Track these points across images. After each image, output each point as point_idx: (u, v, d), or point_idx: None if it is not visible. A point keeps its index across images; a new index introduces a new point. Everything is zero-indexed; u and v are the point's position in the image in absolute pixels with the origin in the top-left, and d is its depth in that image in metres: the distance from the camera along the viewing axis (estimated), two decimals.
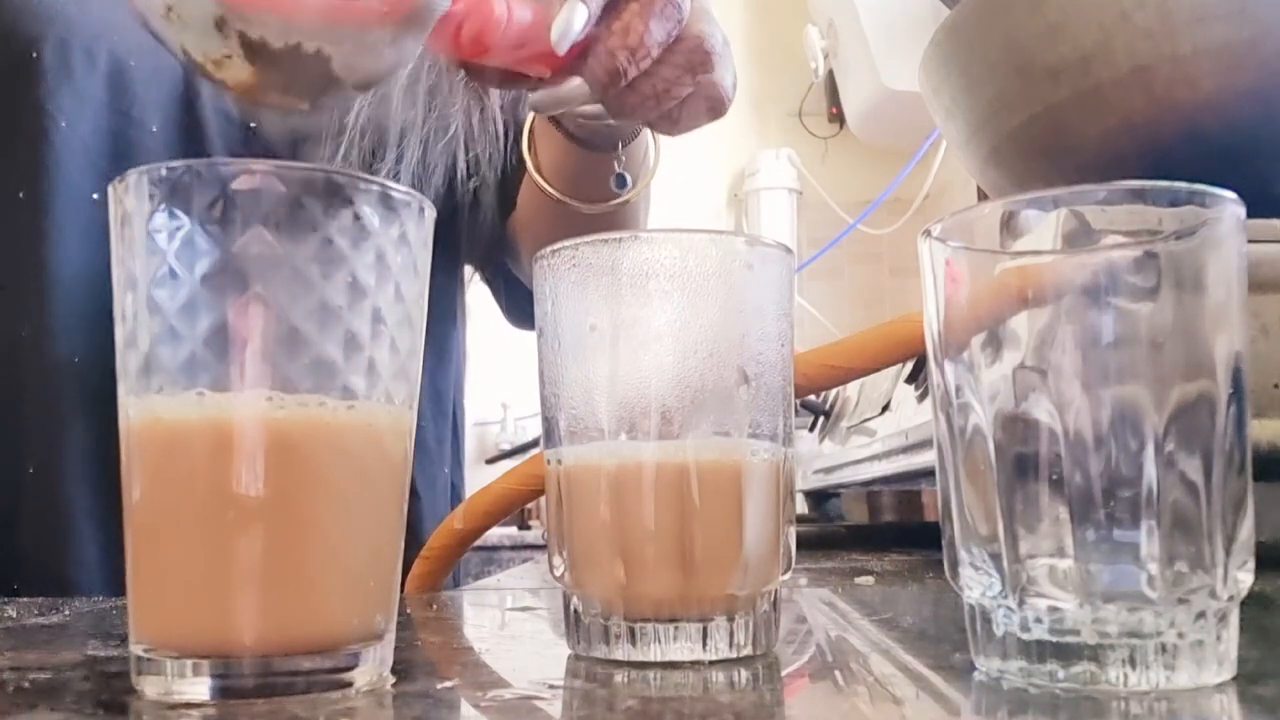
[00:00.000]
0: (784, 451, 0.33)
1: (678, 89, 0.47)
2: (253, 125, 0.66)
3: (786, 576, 0.33)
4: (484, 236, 0.75)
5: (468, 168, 0.71)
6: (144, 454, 0.28)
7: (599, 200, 0.63)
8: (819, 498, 1.25)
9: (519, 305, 0.81)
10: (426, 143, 0.68)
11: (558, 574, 0.33)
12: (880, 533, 1.07)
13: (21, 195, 0.61)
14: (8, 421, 0.61)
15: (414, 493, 0.72)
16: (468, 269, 0.81)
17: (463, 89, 0.70)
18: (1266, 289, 0.48)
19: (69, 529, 0.60)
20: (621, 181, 0.62)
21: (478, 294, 0.86)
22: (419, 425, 0.76)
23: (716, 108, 0.49)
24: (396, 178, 0.66)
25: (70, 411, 0.60)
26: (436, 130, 0.69)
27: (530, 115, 0.65)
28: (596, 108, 0.48)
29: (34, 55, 0.61)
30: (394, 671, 0.29)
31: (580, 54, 0.44)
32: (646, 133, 0.62)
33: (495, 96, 0.72)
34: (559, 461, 0.33)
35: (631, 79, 0.45)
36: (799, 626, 0.39)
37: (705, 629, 0.31)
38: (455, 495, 0.77)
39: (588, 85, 0.45)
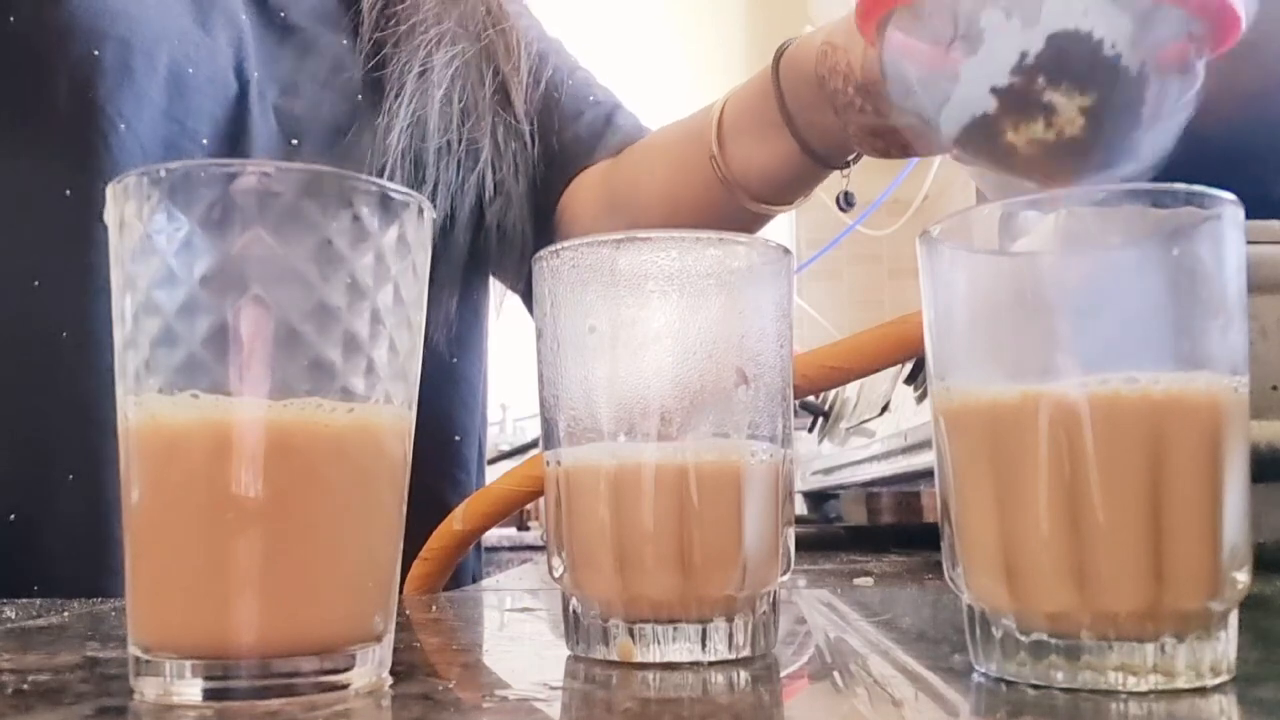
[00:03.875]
0: (783, 453, 0.33)
1: None
2: (295, 142, 0.66)
3: (785, 578, 0.33)
4: (516, 249, 0.74)
5: (494, 188, 0.71)
6: (143, 455, 0.28)
7: (774, 202, 0.64)
8: (818, 499, 1.25)
9: None
10: (461, 166, 0.69)
11: (557, 575, 0.33)
12: (879, 534, 1.07)
13: (68, 193, 0.60)
14: (45, 426, 0.60)
15: (446, 507, 0.68)
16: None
17: (490, 107, 0.70)
18: (1266, 290, 0.48)
19: (108, 538, 0.58)
20: (849, 199, 0.63)
21: None
22: (458, 438, 0.75)
23: None
24: (434, 200, 0.66)
25: (113, 417, 0.58)
26: (468, 154, 0.69)
27: (719, 109, 0.63)
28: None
29: (95, 53, 0.60)
30: (393, 673, 0.29)
31: None
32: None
33: (520, 103, 0.72)
34: (558, 463, 0.33)
35: None
36: (798, 628, 0.39)
37: (704, 630, 0.31)
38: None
39: None
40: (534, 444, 2.27)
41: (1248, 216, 0.27)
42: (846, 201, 0.63)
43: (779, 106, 0.59)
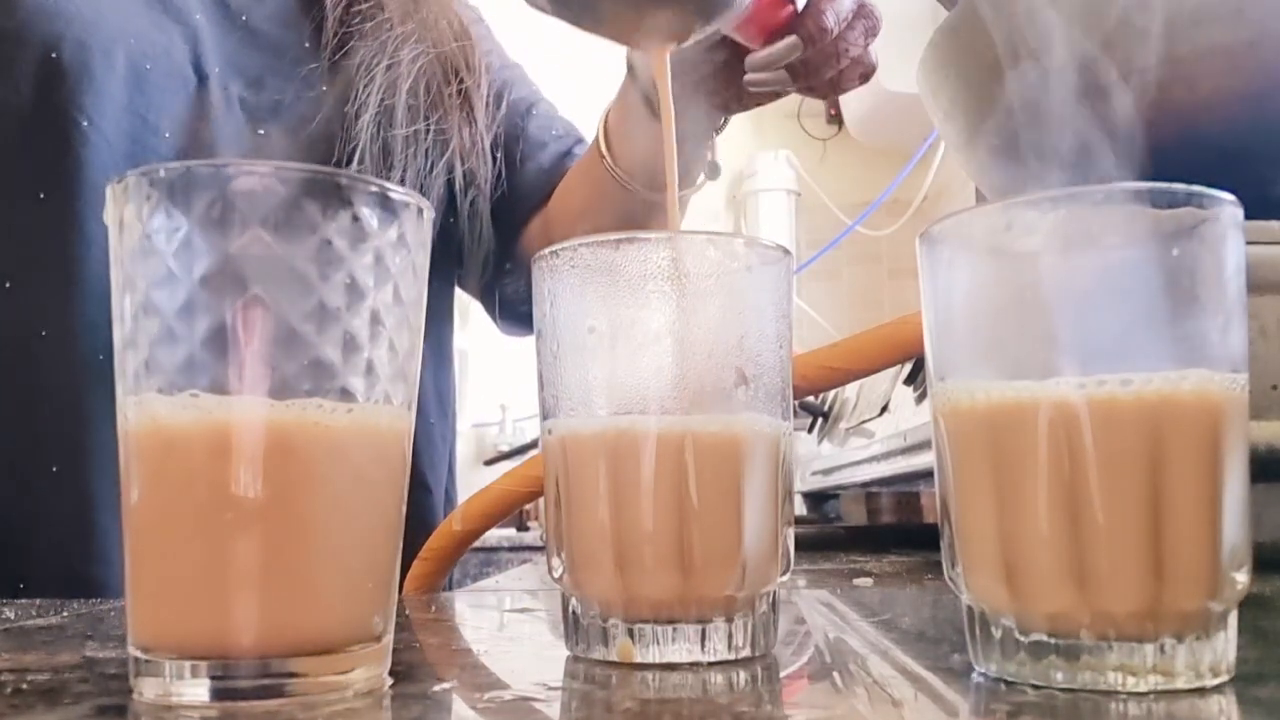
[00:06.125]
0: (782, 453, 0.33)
1: (854, 50, 0.54)
2: (262, 132, 0.67)
3: (785, 578, 0.33)
4: (484, 244, 0.78)
5: (464, 178, 0.74)
6: (142, 456, 0.28)
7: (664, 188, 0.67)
8: (817, 499, 1.25)
9: (511, 311, 0.83)
10: (429, 154, 0.71)
11: (556, 575, 0.33)
12: (879, 534, 1.07)
13: (43, 196, 0.62)
14: (27, 421, 0.61)
15: (425, 486, 0.74)
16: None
17: (456, 107, 0.72)
18: (1264, 291, 0.48)
19: (93, 526, 0.60)
20: (715, 170, 0.67)
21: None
22: (428, 422, 0.80)
23: (867, 74, 0.57)
24: (403, 186, 0.68)
25: (96, 408, 0.60)
26: (436, 143, 0.71)
27: (603, 116, 0.69)
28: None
29: (54, 56, 0.61)
30: (392, 673, 0.29)
31: (783, 24, 0.53)
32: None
33: (483, 116, 0.75)
34: (559, 443, 0.33)
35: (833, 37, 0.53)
36: (797, 628, 0.39)
37: (704, 630, 0.31)
38: (449, 502, 0.78)
39: (800, 42, 0.52)
40: (533, 444, 2.28)
41: (1248, 216, 0.27)
42: (713, 172, 0.68)
43: (640, 98, 0.64)
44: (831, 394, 1.06)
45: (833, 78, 0.56)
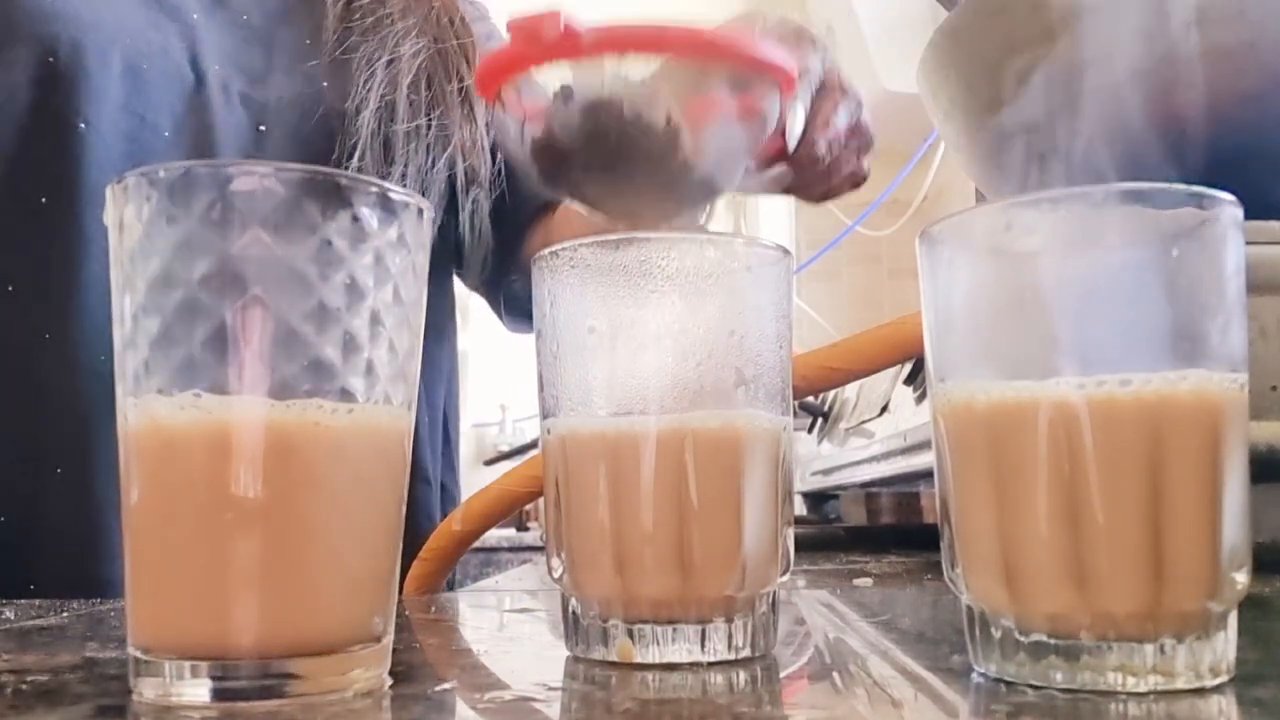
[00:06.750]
0: (782, 453, 0.33)
1: (846, 168, 0.55)
2: (263, 128, 0.67)
3: (785, 578, 0.33)
4: (484, 240, 0.78)
5: (465, 176, 0.73)
6: (142, 456, 0.28)
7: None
8: (817, 499, 1.25)
9: (517, 308, 0.83)
10: (430, 150, 0.70)
11: (556, 576, 0.33)
12: (879, 534, 1.07)
13: (43, 200, 0.62)
14: (30, 424, 0.61)
15: (426, 481, 0.75)
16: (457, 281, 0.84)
17: (458, 103, 0.72)
18: (1264, 291, 0.48)
19: (100, 526, 0.60)
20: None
21: (478, 296, 0.87)
22: (429, 418, 0.79)
23: (859, 183, 0.57)
24: (404, 182, 0.68)
25: (99, 409, 0.61)
26: (437, 140, 0.71)
27: None
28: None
29: (50, 60, 0.61)
30: (392, 673, 0.29)
31: (775, 155, 0.52)
32: None
33: (483, 116, 0.75)
34: (559, 442, 0.33)
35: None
36: (797, 628, 0.39)
37: (703, 631, 0.31)
38: (450, 502, 0.78)
39: (791, 170, 0.52)
40: (533, 444, 2.28)
41: (1248, 216, 0.27)
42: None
43: None
44: (831, 394, 1.06)
45: (824, 190, 0.57)
